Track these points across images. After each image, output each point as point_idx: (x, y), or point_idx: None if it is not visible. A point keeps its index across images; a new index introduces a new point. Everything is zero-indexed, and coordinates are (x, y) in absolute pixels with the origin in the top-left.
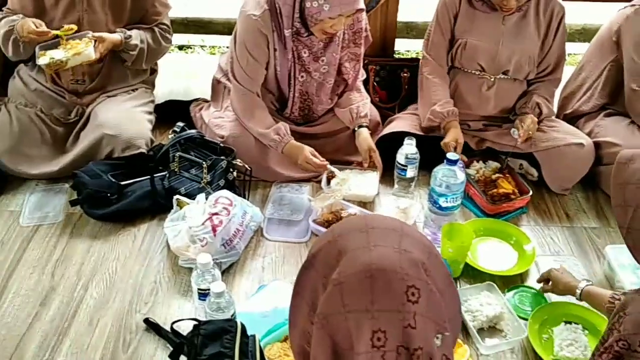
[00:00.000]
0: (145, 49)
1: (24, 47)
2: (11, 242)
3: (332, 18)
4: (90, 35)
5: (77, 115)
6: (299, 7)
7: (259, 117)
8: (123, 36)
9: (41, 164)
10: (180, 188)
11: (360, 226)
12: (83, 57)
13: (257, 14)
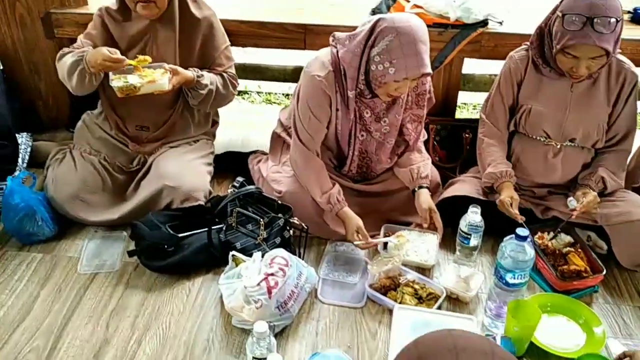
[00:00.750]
0: (214, 91)
1: (90, 79)
2: (68, 290)
3: (397, 81)
4: (166, 66)
5: (139, 164)
6: (364, 69)
7: (315, 178)
8: (196, 74)
9: (101, 211)
10: (236, 243)
11: (448, 346)
12: (156, 86)
13: (322, 75)
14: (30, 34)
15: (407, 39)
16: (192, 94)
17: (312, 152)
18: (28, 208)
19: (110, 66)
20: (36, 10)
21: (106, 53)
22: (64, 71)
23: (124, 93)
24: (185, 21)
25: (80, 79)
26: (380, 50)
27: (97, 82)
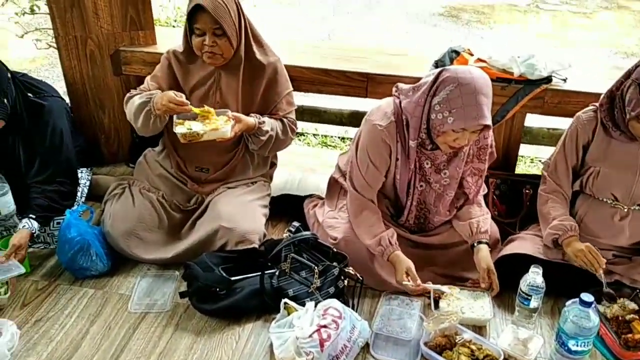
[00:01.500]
0: (274, 137)
1: (155, 121)
2: (118, 328)
3: (455, 131)
4: (230, 114)
5: (196, 204)
6: (426, 118)
7: (368, 225)
8: (257, 121)
9: (155, 249)
10: (288, 290)
11: None
12: (219, 134)
13: (383, 124)
14: (99, 70)
15: (467, 89)
16: (252, 139)
17: (368, 199)
18: (83, 242)
19: (174, 108)
20: (106, 48)
21: (172, 96)
22: (131, 112)
23: (187, 139)
24: (250, 67)
25: (145, 120)
26: (441, 99)
27: (162, 125)
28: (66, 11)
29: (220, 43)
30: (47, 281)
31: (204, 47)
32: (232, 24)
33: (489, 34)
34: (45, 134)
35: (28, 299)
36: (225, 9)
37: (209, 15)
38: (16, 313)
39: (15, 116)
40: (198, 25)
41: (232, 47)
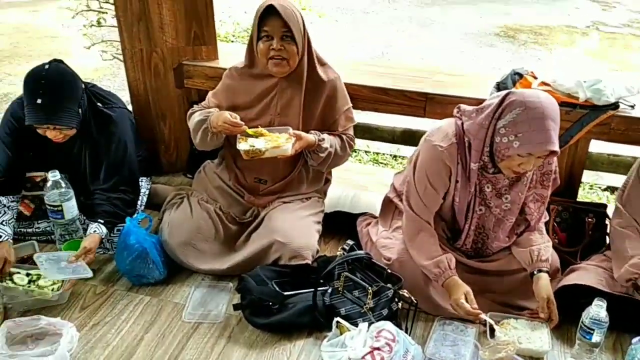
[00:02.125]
0: (333, 154)
1: (212, 138)
2: (172, 337)
3: (520, 156)
4: (291, 132)
5: (252, 216)
6: (489, 141)
7: (424, 247)
8: (317, 138)
9: (210, 260)
10: (341, 308)
11: None
12: (280, 151)
13: (444, 145)
14: (162, 82)
15: (535, 113)
16: (312, 156)
17: (424, 221)
18: (142, 249)
19: (229, 129)
20: (170, 61)
21: (227, 117)
22: (191, 127)
23: (249, 156)
24: (312, 82)
25: (203, 137)
26: (507, 123)
27: (219, 141)
28: (133, 25)
29: (288, 48)
30: (105, 286)
31: (271, 51)
32: (299, 30)
33: (546, 55)
34: (111, 144)
35: (86, 302)
36: (294, 15)
37: (279, 18)
38: (75, 315)
39: (85, 124)
40: (267, 28)
41: (298, 54)
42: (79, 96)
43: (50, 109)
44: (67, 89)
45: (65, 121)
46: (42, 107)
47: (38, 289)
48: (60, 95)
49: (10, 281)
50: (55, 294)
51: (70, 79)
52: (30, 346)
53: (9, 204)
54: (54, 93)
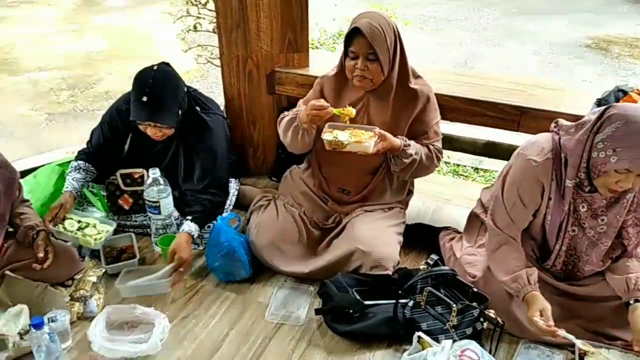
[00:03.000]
0: (417, 161)
1: (302, 136)
2: (255, 335)
3: (618, 172)
4: (377, 130)
5: (334, 223)
6: (587, 156)
7: (505, 261)
8: (403, 143)
9: (294, 262)
10: (422, 323)
11: None
12: (361, 147)
13: (539, 160)
14: (255, 88)
15: (636, 127)
16: (395, 160)
17: (507, 236)
18: (230, 248)
19: (316, 114)
20: (264, 68)
21: (312, 102)
22: (282, 130)
23: (331, 146)
24: (402, 94)
25: (294, 135)
26: (605, 137)
27: (310, 140)
28: (232, 31)
29: (372, 68)
30: (195, 281)
31: (355, 70)
32: (385, 51)
33: None
34: (205, 149)
35: (178, 295)
36: (381, 36)
37: (364, 40)
38: (167, 307)
39: (183, 126)
40: (353, 48)
41: (383, 74)
42: (180, 98)
43: (153, 108)
44: (170, 90)
45: (166, 120)
46: (146, 104)
47: (82, 236)
48: (163, 96)
49: (62, 226)
50: (97, 242)
51: (174, 82)
52: (127, 332)
53: (87, 167)
54: (158, 93)
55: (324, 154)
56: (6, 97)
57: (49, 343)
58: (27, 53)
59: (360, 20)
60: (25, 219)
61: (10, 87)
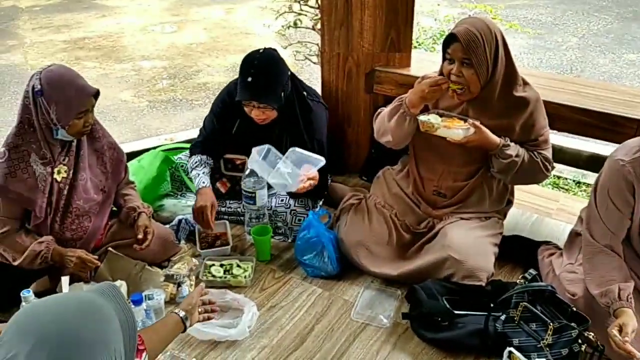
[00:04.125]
0: (518, 164)
1: (409, 123)
2: (340, 332)
3: None
4: (471, 121)
5: (426, 228)
6: None
7: (597, 272)
8: (502, 142)
9: (382, 264)
10: (514, 338)
11: None
12: (450, 133)
13: (626, 159)
14: (353, 86)
15: None
16: (493, 160)
17: (602, 245)
18: (319, 243)
19: (433, 90)
20: (364, 66)
21: (429, 80)
22: (380, 123)
23: (424, 128)
24: (506, 102)
25: (398, 123)
26: None
27: (412, 128)
28: (335, 29)
29: (467, 74)
30: (283, 272)
31: (451, 75)
32: (483, 60)
33: None
34: (308, 135)
35: (266, 284)
36: (479, 44)
37: (460, 45)
38: (255, 295)
39: (287, 110)
40: (449, 51)
41: (479, 82)
42: (283, 81)
43: (257, 88)
44: (274, 72)
45: (268, 100)
46: (251, 85)
47: (233, 278)
48: (267, 77)
49: (209, 274)
50: (247, 280)
51: (278, 65)
52: (216, 317)
53: (207, 160)
54: (262, 74)
55: (421, 153)
56: (111, 83)
57: (145, 319)
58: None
59: (460, 27)
60: (129, 200)
61: (116, 74)
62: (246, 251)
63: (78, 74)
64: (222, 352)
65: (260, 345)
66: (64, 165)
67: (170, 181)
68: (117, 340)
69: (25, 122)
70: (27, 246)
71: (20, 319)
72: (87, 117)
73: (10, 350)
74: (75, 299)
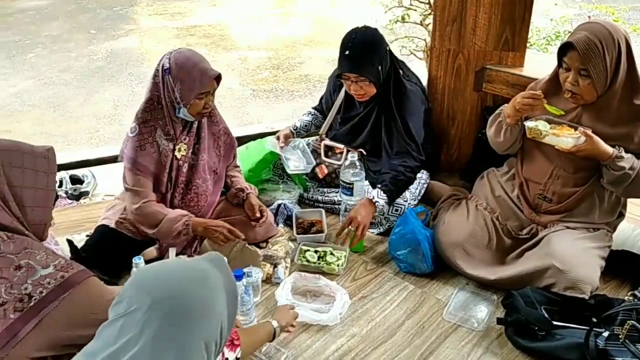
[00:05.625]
0: (632, 177)
1: (506, 131)
2: (431, 330)
3: None
4: (582, 129)
5: (529, 234)
6: None
7: None
8: (616, 153)
9: (479, 267)
10: (617, 357)
11: None
12: (558, 141)
13: None
14: (461, 83)
15: None
16: (604, 171)
17: None
18: (415, 240)
19: (527, 103)
20: (474, 64)
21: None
22: (488, 128)
23: (531, 134)
24: (626, 110)
25: (497, 131)
26: None
27: (512, 137)
28: (447, 25)
29: (583, 84)
30: (375, 265)
31: (567, 84)
32: (601, 70)
33: None
34: (401, 115)
35: (358, 275)
36: (599, 53)
37: (577, 55)
38: (347, 284)
39: (384, 88)
40: (566, 59)
41: (596, 92)
42: (380, 55)
43: (354, 60)
44: (371, 45)
45: (365, 72)
46: (348, 57)
47: (327, 264)
48: (364, 50)
49: (304, 259)
50: (340, 268)
51: (376, 39)
52: (309, 300)
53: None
54: (359, 47)
55: (529, 156)
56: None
57: (244, 294)
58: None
59: (578, 34)
60: (235, 182)
61: (223, 62)
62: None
63: (204, 58)
64: (312, 335)
65: (350, 333)
66: (184, 144)
67: (272, 168)
68: (223, 307)
69: (155, 98)
70: (162, 218)
71: (140, 279)
72: (207, 99)
73: (131, 305)
74: (190, 264)
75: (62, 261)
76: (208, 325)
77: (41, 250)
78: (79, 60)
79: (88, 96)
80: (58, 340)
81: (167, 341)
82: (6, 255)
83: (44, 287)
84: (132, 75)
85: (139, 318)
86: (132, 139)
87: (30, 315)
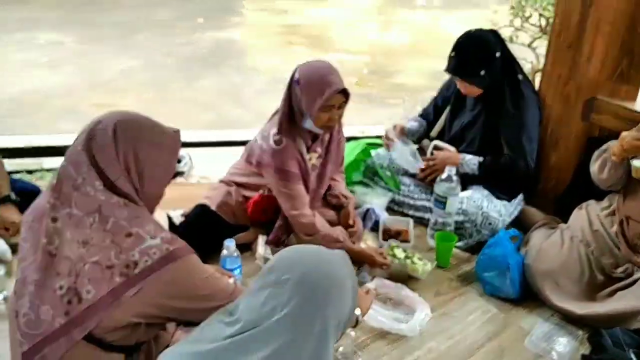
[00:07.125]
0: None
1: (609, 168)
2: (510, 357)
3: None
4: None
5: (624, 273)
6: None
7: None
8: None
9: (567, 299)
10: None
11: None
12: None
13: None
14: (568, 111)
15: None
16: None
17: None
18: (504, 264)
19: (637, 145)
20: (585, 92)
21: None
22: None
23: (637, 175)
24: None
25: (600, 166)
26: None
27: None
28: (562, 50)
29: None
30: (460, 283)
31: None
32: None
33: None
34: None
35: (442, 291)
36: None
37: None
38: (429, 298)
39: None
40: None
41: None
42: (487, 61)
43: (458, 61)
44: (475, 50)
45: (465, 75)
46: (452, 59)
47: (411, 264)
48: (466, 53)
49: (392, 254)
50: (423, 274)
51: (482, 44)
52: (388, 308)
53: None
54: (463, 49)
55: (632, 193)
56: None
57: None
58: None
59: None
60: (336, 185)
61: None
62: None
63: (333, 71)
64: (389, 343)
65: (428, 347)
66: (315, 153)
67: (364, 171)
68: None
69: (290, 109)
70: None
71: (289, 255)
72: (332, 113)
73: (283, 274)
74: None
75: (168, 235)
76: (344, 305)
77: (150, 221)
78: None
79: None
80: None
81: (313, 310)
82: (119, 222)
83: (150, 257)
84: (231, 67)
85: (288, 287)
86: (279, 150)
87: (134, 281)
